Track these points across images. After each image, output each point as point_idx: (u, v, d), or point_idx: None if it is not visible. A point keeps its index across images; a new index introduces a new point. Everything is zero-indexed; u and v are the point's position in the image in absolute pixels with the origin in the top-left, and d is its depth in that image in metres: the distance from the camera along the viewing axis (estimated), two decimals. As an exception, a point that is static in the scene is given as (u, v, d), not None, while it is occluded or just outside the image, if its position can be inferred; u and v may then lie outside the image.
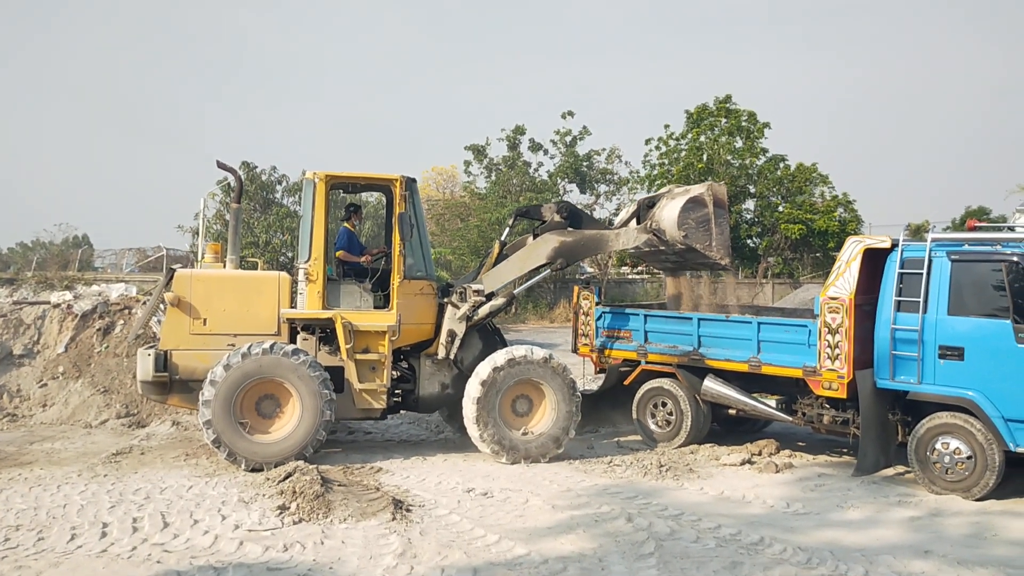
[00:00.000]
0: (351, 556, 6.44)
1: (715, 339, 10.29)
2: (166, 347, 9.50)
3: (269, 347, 9.18)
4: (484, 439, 9.62)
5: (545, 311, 30.52)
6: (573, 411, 9.89)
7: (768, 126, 30.81)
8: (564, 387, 9.89)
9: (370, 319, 9.80)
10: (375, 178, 10.34)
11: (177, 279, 9.70)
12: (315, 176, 9.85)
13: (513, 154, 34.61)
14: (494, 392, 9.68)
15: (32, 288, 15.27)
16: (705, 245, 10.53)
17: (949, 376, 8.34)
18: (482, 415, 9.60)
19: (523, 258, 10.69)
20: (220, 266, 10.36)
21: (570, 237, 10.64)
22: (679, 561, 6.41)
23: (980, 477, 8.12)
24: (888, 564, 6.43)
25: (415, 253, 10.14)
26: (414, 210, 10.05)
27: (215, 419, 8.95)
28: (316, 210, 9.76)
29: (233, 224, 10.70)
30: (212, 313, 9.60)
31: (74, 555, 6.41)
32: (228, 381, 9.02)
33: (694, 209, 10.53)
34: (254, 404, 9.29)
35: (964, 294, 8.35)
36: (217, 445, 9.00)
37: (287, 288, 9.90)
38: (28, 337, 13.73)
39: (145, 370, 9.42)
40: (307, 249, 9.78)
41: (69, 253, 28.84)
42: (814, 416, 9.58)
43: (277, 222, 24.74)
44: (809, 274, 29.68)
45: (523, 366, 9.81)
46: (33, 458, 9.84)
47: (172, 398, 9.64)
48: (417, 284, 10.07)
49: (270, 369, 9.14)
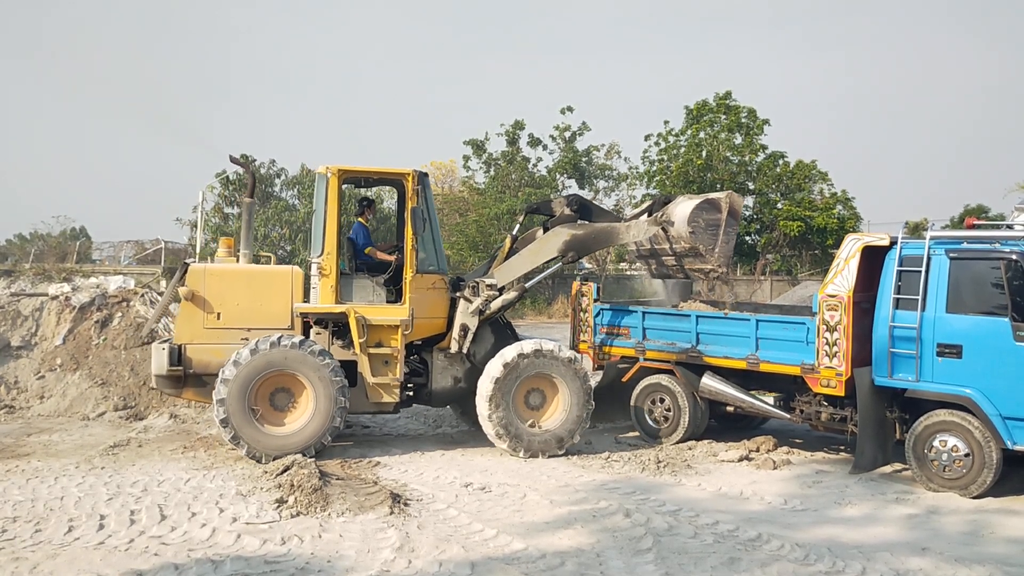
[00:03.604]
0: (349, 550, 6.44)
1: (713, 336, 10.29)
2: (180, 341, 9.53)
3: (277, 340, 9.16)
4: (492, 419, 9.61)
5: (543, 306, 30.53)
6: (584, 416, 9.90)
7: (768, 123, 30.85)
8: (581, 391, 9.89)
9: (383, 313, 9.81)
10: (388, 172, 10.34)
11: (191, 273, 9.71)
12: (327, 170, 9.84)
13: (512, 149, 34.58)
14: (514, 377, 9.70)
15: (30, 280, 15.22)
16: (708, 249, 10.51)
17: (947, 374, 8.34)
18: (495, 396, 9.61)
19: (534, 252, 10.67)
20: (233, 260, 10.37)
21: (581, 230, 10.63)
22: (677, 557, 6.42)
23: (978, 475, 8.13)
24: (886, 561, 6.43)
25: (427, 247, 10.15)
26: (426, 204, 10.05)
27: (231, 413, 8.93)
28: (329, 204, 9.76)
29: (246, 218, 10.72)
30: (226, 307, 9.62)
31: (71, 547, 6.40)
32: (241, 376, 9.01)
33: (708, 211, 10.54)
34: (268, 397, 9.28)
35: (963, 292, 8.34)
36: (236, 442, 8.99)
37: (300, 282, 9.92)
38: (26, 329, 13.72)
39: (160, 364, 9.43)
40: (320, 243, 9.79)
41: (67, 245, 28.74)
42: (812, 413, 9.58)
43: (275, 215, 24.74)
44: (807, 271, 29.72)
45: (548, 359, 9.83)
46: (30, 450, 9.83)
47: (186, 392, 9.67)
48: (429, 278, 10.08)
49: (284, 362, 9.14)
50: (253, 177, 11.01)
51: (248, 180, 11.04)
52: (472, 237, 31.96)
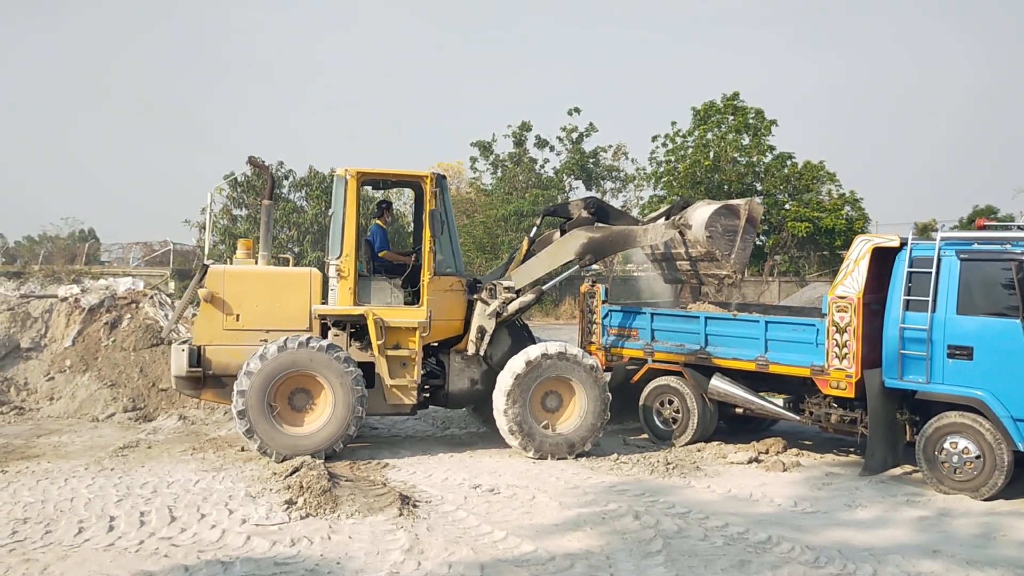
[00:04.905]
0: (358, 551, 6.44)
1: (722, 338, 10.27)
2: (199, 343, 9.55)
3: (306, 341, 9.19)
4: (508, 415, 9.61)
5: (551, 308, 30.51)
6: (598, 425, 9.89)
7: (775, 123, 30.79)
8: (599, 399, 9.88)
9: (401, 315, 9.82)
10: (406, 175, 10.36)
11: (210, 275, 9.74)
12: (346, 173, 9.84)
13: (519, 151, 34.61)
14: (535, 376, 9.70)
15: (39, 282, 15.30)
16: (724, 254, 10.45)
17: (958, 375, 8.31)
18: (514, 392, 9.62)
19: (552, 254, 10.65)
20: (252, 262, 10.40)
21: (598, 233, 10.60)
22: (687, 559, 6.40)
23: (989, 477, 8.09)
24: (897, 564, 6.41)
25: (445, 250, 10.16)
26: (444, 207, 10.05)
27: (249, 406, 8.96)
28: (348, 207, 9.76)
29: (265, 221, 10.75)
30: (245, 309, 9.64)
31: (81, 548, 6.41)
32: (266, 370, 9.03)
33: (727, 216, 10.48)
34: (288, 396, 9.30)
35: (973, 293, 8.31)
36: (250, 435, 9.01)
37: (319, 284, 9.94)
38: (35, 330, 13.76)
39: (179, 366, 9.45)
40: (339, 245, 9.81)
41: (76, 247, 28.92)
42: (822, 415, 9.56)
43: (284, 217, 24.81)
44: (815, 272, 29.63)
45: (570, 363, 9.82)
46: (40, 451, 9.86)
47: (206, 393, 9.70)
48: (447, 280, 10.09)
49: (310, 364, 9.16)
50: (272, 179, 11.05)
51: (267, 182, 11.08)
52: (479, 238, 31.99)
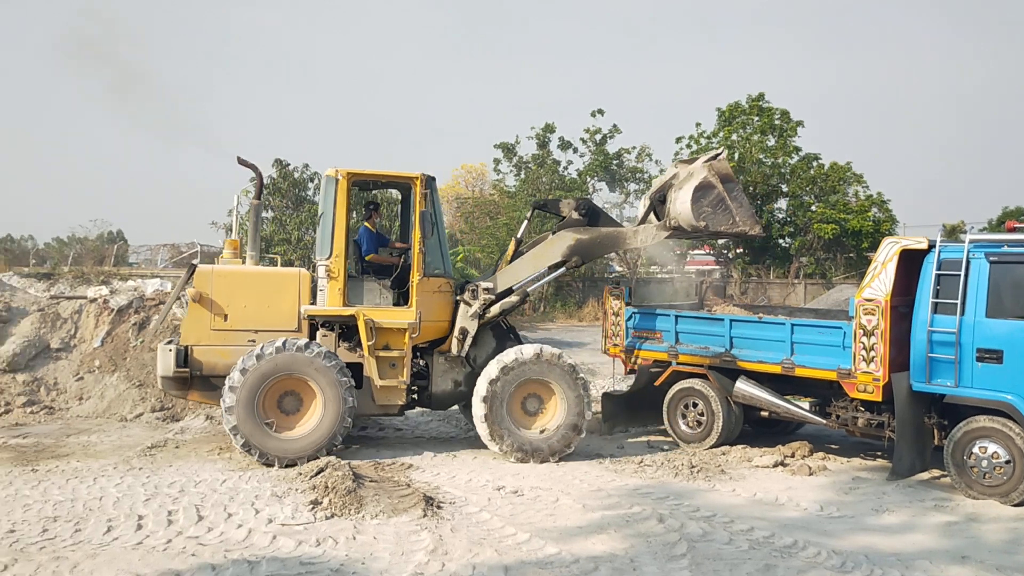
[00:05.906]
0: (383, 552, 6.47)
1: (747, 340, 10.21)
2: (187, 343, 9.57)
3: (283, 344, 9.19)
4: (486, 421, 9.65)
5: (574, 310, 30.46)
6: (579, 426, 9.86)
7: (801, 124, 30.55)
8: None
9: (391, 316, 9.83)
10: (396, 176, 10.32)
11: (198, 275, 9.76)
12: (337, 173, 9.85)
13: (542, 152, 34.57)
14: (511, 379, 9.72)
15: (69, 283, 15.47)
16: (729, 224, 10.33)
17: (987, 379, 8.21)
18: (491, 398, 9.64)
19: (538, 255, 10.61)
20: (239, 262, 10.42)
21: (586, 235, 10.55)
22: (712, 563, 6.37)
23: (1019, 482, 7.98)
24: (924, 569, 6.34)
25: (433, 251, 10.14)
26: (434, 208, 10.07)
27: (240, 421, 9.00)
28: (338, 207, 9.76)
29: (253, 220, 10.79)
30: (233, 309, 9.66)
31: (110, 547, 6.49)
32: (249, 382, 9.06)
33: (705, 194, 10.23)
34: (276, 401, 9.32)
35: (1003, 296, 8.21)
36: (247, 449, 9.06)
37: (307, 284, 9.97)
38: (65, 331, 13.96)
39: (166, 366, 9.45)
40: (328, 246, 9.80)
41: (105, 248, 29.22)
42: (848, 419, 9.47)
43: (309, 219, 24.93)
44: (842, 274, 29.36)
45: (547, 365, 9.83)
46: (70, 450, 10.00)
47: (192, 394, 9.70)
48: (435, 282, 10.08)
49: (291, 366, 9.18)
50: (261, 179, 11.08)
51: (256, 182, 11.10)
52: (503, 240, 31.92)
